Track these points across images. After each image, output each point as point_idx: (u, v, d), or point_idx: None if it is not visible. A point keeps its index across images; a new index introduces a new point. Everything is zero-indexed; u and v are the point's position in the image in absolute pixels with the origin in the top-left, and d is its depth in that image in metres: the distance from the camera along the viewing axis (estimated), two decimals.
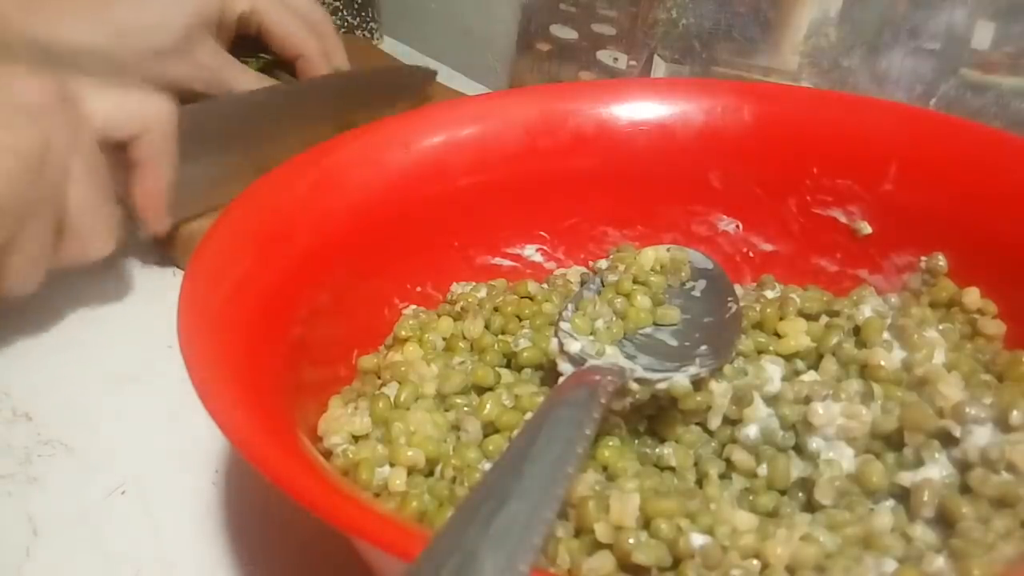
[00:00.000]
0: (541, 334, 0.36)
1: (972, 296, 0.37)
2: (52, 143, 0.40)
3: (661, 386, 0.31)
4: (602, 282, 0.37)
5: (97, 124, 0.43)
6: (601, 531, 0.27)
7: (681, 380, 0.31)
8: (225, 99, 0.55)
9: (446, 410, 0.34)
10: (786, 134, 0.42)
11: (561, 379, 0.32)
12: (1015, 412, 0.28)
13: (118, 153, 0.44)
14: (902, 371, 0.32)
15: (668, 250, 0.38)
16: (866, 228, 0.40)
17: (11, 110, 0.39)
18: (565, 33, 0.65)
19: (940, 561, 0.26)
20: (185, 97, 0.52)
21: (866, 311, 0.35)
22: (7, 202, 0.39)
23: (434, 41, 0.80)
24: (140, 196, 0.46)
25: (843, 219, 0.41)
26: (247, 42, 0.59)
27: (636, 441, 0.33)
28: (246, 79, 0.56)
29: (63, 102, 0.41)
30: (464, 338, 0.38)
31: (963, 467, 0.29)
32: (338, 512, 0.24)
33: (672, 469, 0.32)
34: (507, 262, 0.43)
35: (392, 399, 0.33)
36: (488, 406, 0.33)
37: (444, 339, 0.38)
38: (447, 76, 0.74)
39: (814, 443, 0.31)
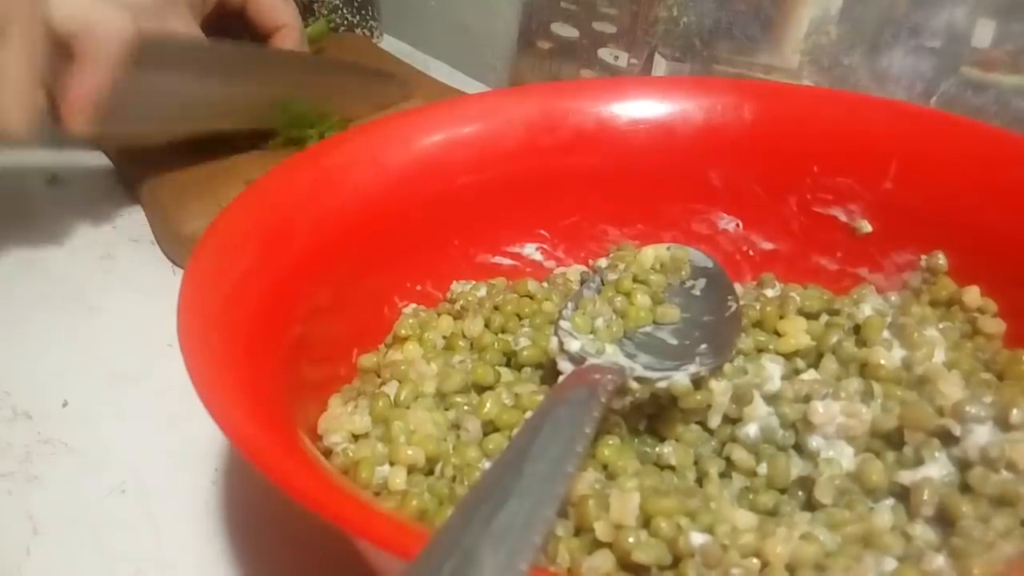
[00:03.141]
0: (541, 333, 0.36)
1: (972, 295, 0.37)
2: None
3: (661, 385, 0.31)
4: (602, 281, 0.37)
5: (53, 9, 0.43)
6: (601, 530, 0.27)
7: (681, 379, 0.31)
8: (191, 39, 0.55)
9: (446, 409, 0.34)
10: (786, 132, 0.42)
11: (561, 378, 0.32)
12: (1015, 411, 0.28)
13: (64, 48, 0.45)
14: (902, 370, 0.32)
15: (668, 249, 0.38)
16: (866, 226, 0.40)
17: None
18: (566, 31, 0.65)
19: (940, 560, 0.26)
20: None
21: (866, 310, 0.35)
22: None
23: (434, 39, 0.80)
24: (70, 91, 0.46)
25: (843, 217, 0.41)
26: (220, 26, 0.59)
27: (636, 440, 0.33)
28: None
29: None
30: (464, 337, 0.38)
31: (963, 466, 0.29)
32: (338, 511, 0.24)
33: (672, 468, 0.32)
34: (507, 261, 0.43)
35: (392, 398, 0.33)
36: (488, 405, 0.33)
37: (444, 338, 0.38)
38: (447, 74, 0.74)
39: (814, 442, 0.31)
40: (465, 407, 0.34)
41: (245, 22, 0.61)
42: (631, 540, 0.26)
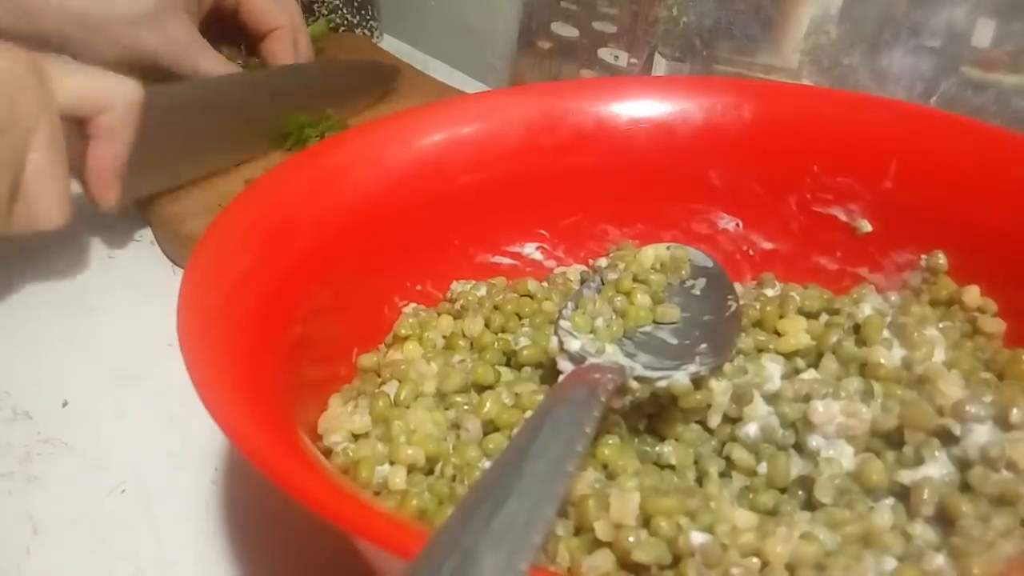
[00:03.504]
0: (541, 332, 0.36)
1: (972, 294, 0.37)
2: (18, 110, 0.42)
3: (661, 384, 0.31)
4: (602, 280, 0.37)
5: (62, 99, 0.44)
6: (601, 529, 0.27)
7: (681, 378, 0.31)
8: (189, 83, 0.56)
9: (446, 408, 0.34)
10: (786, 132, 0.42)
11: (561, 377, 0.32)
12: (1015, 410, 0.28)
13: (78, 127, 0.46)
14: (902, 369, 0.32)
15: (668, 248, 0.38)
16: (866, 226, 0.40)
17: None
18: (566, 31, 0.65)
19: (940, 559, 0.26)
20: (149, 74, 0.53)
21: (866, 309, 0.35)
22: None
23: (434, 39, 0.80)
24: (92, 171, 0.47)
25: (843, 217, 0.41)
26: (217, 28, 0.59)
27: (636, 439, 0.33)
28: (212, 58, 0.58)
29: (32, 74, 0.42)
30: (464, 336, 0.38)
31: (963, 465, 0.29)
32: (338, 510, 0.24)
33: (672, 467, 0.32)
34: (507, 260, 0.43)
35: (392, 397, 0.33)
36: (488, 404, 0.33)
37: (444, 337, 0.38)
38: (447, 74, 0.74)
39: (814, 441, 0.31)
40: (465, 407, 0.34)
41: (239, 25, 0.61)
42: (631, 539, 0.26)
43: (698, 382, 0.32)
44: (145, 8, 0.52)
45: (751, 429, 0.31)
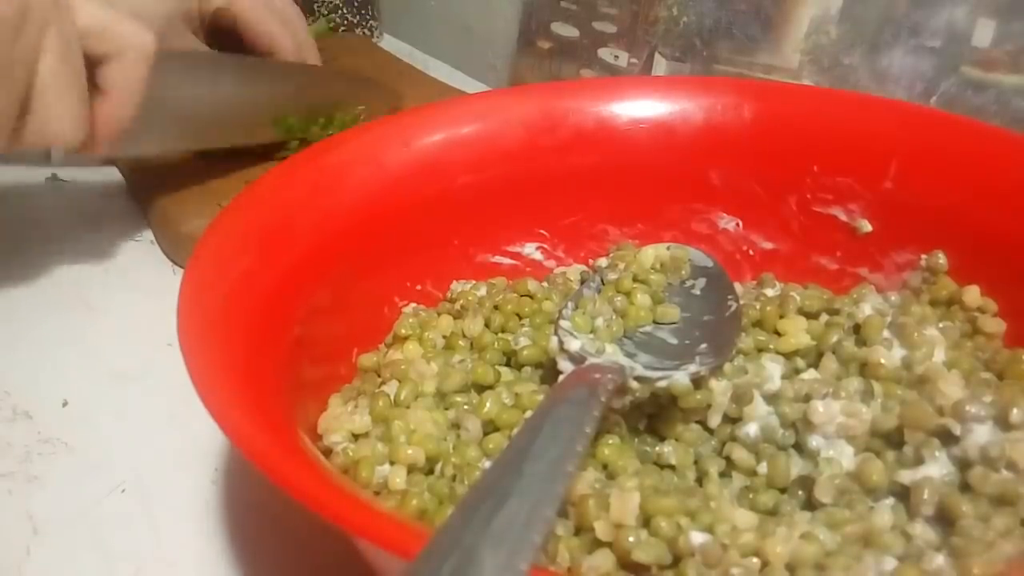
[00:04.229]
0: (541, 332, 0.36)
1: (972, 294, 0.37)
2: (32, 8, 0.40)
3: (661, 384, 0.31)
4: (602, 280, 0.37)
5: (79, 22, 0.43)
6: (601, 529, 0.27)
7: (681, 378, 0.31)
8: (206, 53, 0.55)
9: (446, 408, 0.34)
10: (786, 132, 0.42)
11: (561, 377, 0.32)
12: (1015, 410, 0.28)
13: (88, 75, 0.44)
14: (902, 369, 0.32)
15: (668, 248, 0.38)
16: (866, 226, 0.40)
17: None
18: (566, 31, 0.65)
19: (940, 559, 0.26)
20: None
21: (866, 309, 0.35)
22: None
23: (434, 39, 0.80)
24: (98, 118, 0.45)
25: (843, 217, 0.41)
26: (220, 38, 0.59)
27: (636, 439, 0.33)
28: None
29: None
30: (464, 336, 0.38)
31: (963, 465, 0.29)
32: (338, 510, 0.24)
33: (672, 467, 0.32)
34: (507, 260, 0.43)
35: (392, 397, 0.33)
36: (488, 404, 0.33)
37: (444, 337, 0.38)
38: (447, 74, 0.74)
39: (814, 441, 0.31)
40: (465, 407, 0.34)
41: (238, 41, 0.60)
42: (631, 539, 0.26)
43: (698, 382, 0.32)
44: (150, 28, 0.51)
45: (751, 429, 0.31)
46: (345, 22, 0.80)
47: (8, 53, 0.40)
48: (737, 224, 0.43)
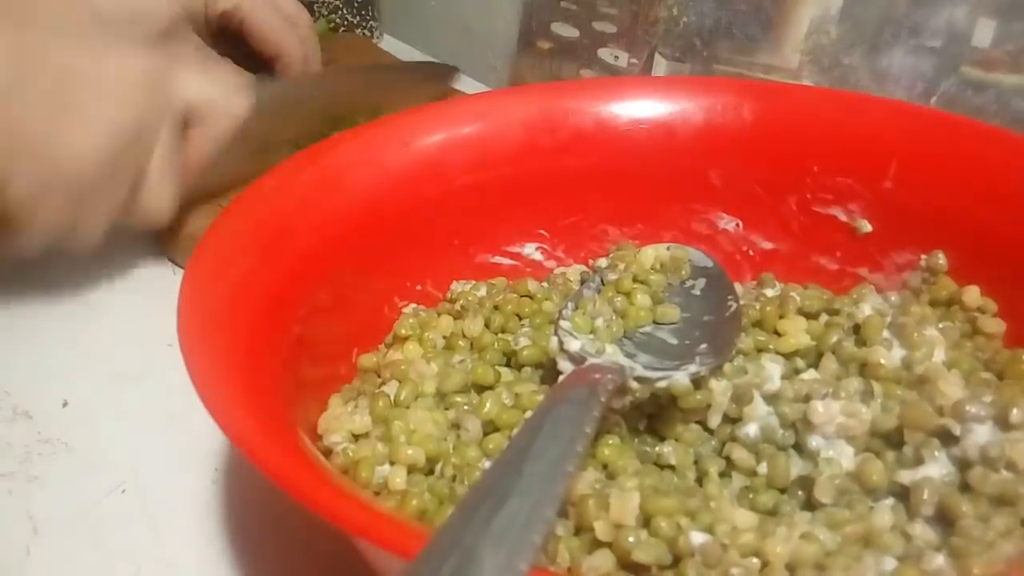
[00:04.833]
0: (541, 332, 0.36)
1: (972, 294, 0.37)
2: (148, 119, 0.44)
3: (661, 384, 0.31)
4: (602, 280, 0.37)
5: (181, 106, 0.46)
6: (601, 529, 0.27)
7: (681, 378, 0.31)
8: (271, 84, 0.55)
9: (446, 408, 0.34)
10: (786, 132, 0.42)
11: (561, 377, 0.32)
12: (1015, 410, 0.28)
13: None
14: (902, 369, 0.32)
15: (668, 248, 0.38)
16: (866, 226, 0.40)
17: (119, 87, 0.43)
18: (566, 31, 0.65)
19: (940, 559, 0.26)
20: None
21: (866, 309, 0.35)
22: (103, 168, 0.43)
23: (434, 39, 0.80)
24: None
25: (843, 217, 0.41)
26: (227, 40, 0.59)
27: (636, 439, 0.33)
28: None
29: (162, 81, 0.45)
30: (464, 336, 0.38)
31: (963, 465, 0.29)
32: (338, 511, 0.24)
33: (672, 467, 0.32)
34: (507, 260, 0.43)
35: (392, 397, 0.33)
36: (488, 404, 0.33)
37: (444, 337, 0.38)
38: None
39: (814, 441, 0.31)
40: (465, 407, 0.34)
41: (246, 47, 0.60)
42: (631, 540, 0.26)
43: (698, 382, 0.32)
44: (154, 31, 0.50)
45: (751, 429, 0.31)
46: (345, 22, 0.80)
47: (126, 157, 0.44)
48: (737, 224, 0.43)
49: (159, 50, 0.45)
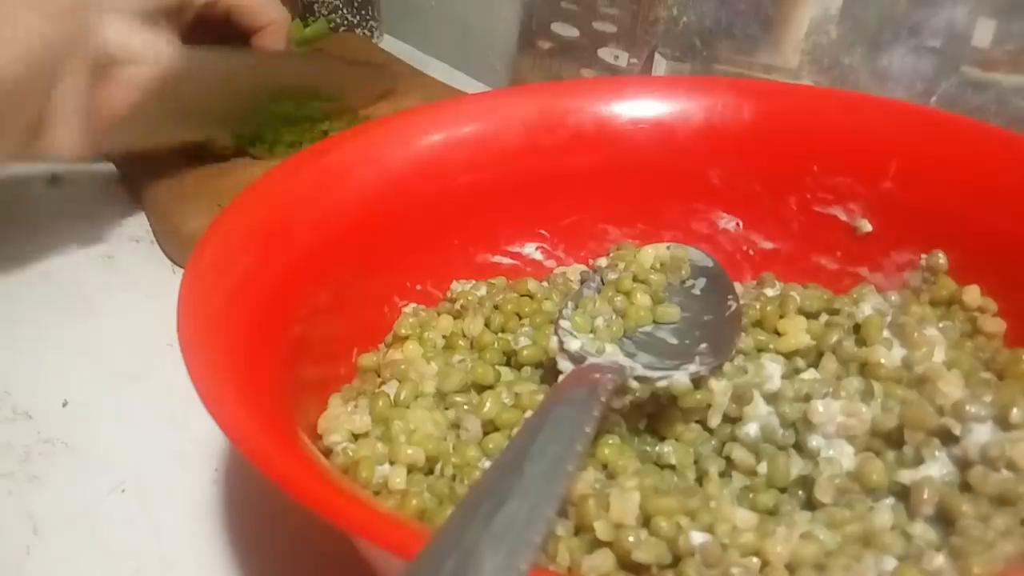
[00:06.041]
0: (541, 332, 0.36)
1: (972, 294, 0.37)
2: (60, 43, 0.43)
3: (661, 384, 0.31)
4: (602, 280, 0.37)
5: (103, 43, 0.46)
6: (601, 529, 0.27)
7: (681, 378, 0.31)
8: (202, 51, 0.55)
9: (446, 408, 0.34)
10: (786, 132, 0.42)
11: (561, 377, 0.32)
12: (1015, 410, 0.28)
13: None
14: (902, 369, 0.32)
15: (668, 248, 0.38)
16: (866, 226, 0.40)
17: (34, 7, 0.42)
18: (566, 31, 0.65)
19: (940, 559, 0.26)
20: None
21: (866, 309, 0.35)
22: (8, 84, 0.42)
23: (434, 39, 0.80)
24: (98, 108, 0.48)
25: (843, 217, 0.41)
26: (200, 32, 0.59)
27: (636, 439, 0.33)
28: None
29: (82, 11, 0.44)
30: (464, 336, 0.38)
31: (963, 465, 0.29)
32: (338, 510, 0.24)
33: (672, 467, 0.32)
34: (507, 260, 0.43)
35: (392, 397, 0.33)
36: (488, 404, 0.33)
37: (444, 337, 0.38)
38: (447, 74, 0.74)
39: (814, 441, 0.31)
40: (465, 407, 0.34)
41: (228, 27, 0.60)
42: (631, 539, 0.26)
43: (698, 382, 0.32)
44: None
45: (751, 429, 0.31)
46: (345, 22, 0.80)
47: (36, 78, 0.43)
48: (737, 224, 0.43)
49: None
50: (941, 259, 0.38)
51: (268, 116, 0.58)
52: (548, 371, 0.35)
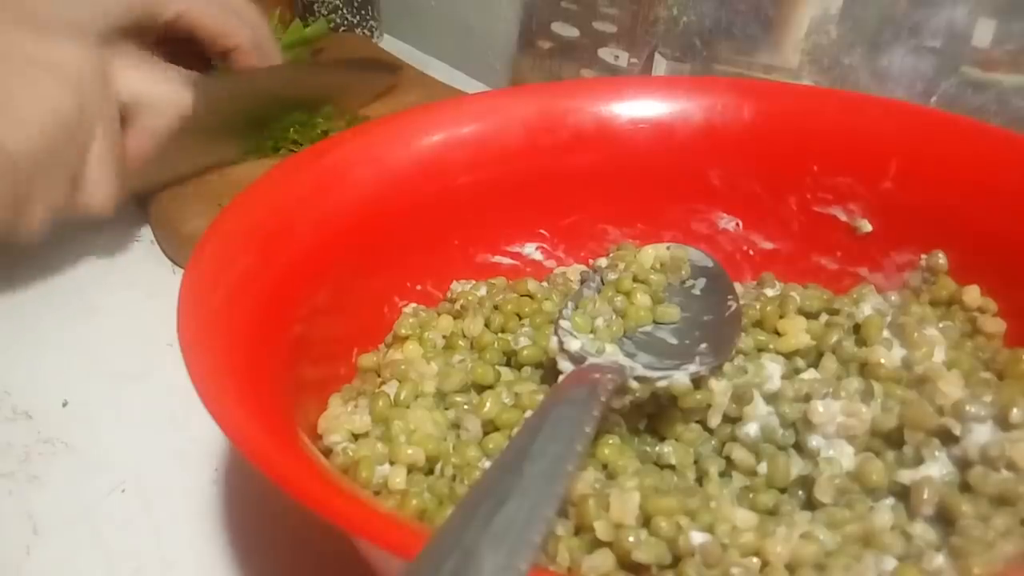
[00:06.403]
0: (541, 332, 0.36)
1: (972, 294, 0.37)
2: (86, 109, 0.45)
3: (661, 384, 0.31)
4: (602, 280, 0.37)
5: (122, 98, 0.47)
6: (601, 529, 0.27)
7: (681, 378, 0.31)
8: (210, 80, 0.55)
9: (446, 408, 0.34)
10: (786, 132, 0.42)
11: (561, 377, 0.32)
12: (1015, 410, 0.28)
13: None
14: (902, 369, 0.32)
15: (668, 248, 0.38)
16: (866, 226, 0.40)
17: (57, 76, 0.44)
18: (566, 31, 0.65)
19: (940, 559, 0.26)
20: None
21: (866, 309, 0.35)
22: (41, 156, 0.43)
23: (434, 39, 0.80)
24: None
25: (843, 217, 0.41)
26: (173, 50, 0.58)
27: (636, 439, 0.33)
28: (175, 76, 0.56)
29: (100, 74, 0.45)
30: (464, 336, 0.38)
31: (963, 465, 0.29)
32: (338, 510, 0.24)
33: (672, 467, 0.32)
34: (507, 260, 0.43)
35: (392, 397, 0.33)
36: (488, 404, 0.33)
37: (444, 337, 0.38)
38: (447, 74, 0.74)
39: (814, 441, 0.31)
40: (465, 407, 0.34)
41: (197, 44, 0.59)
42: (631, 539, 0.26)
43: (698, 382, 0.32)
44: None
45: (751, 429, 0.31)
46: (345, 22, 0.80)
47: (65, 147, 0.44)
48: (737, 224, 0.43)
49: (99, 48, 0.46)
50: (941, 259, 0.38)
51: (280, 128, 0.58)
52: (548, 371, 0.35)
